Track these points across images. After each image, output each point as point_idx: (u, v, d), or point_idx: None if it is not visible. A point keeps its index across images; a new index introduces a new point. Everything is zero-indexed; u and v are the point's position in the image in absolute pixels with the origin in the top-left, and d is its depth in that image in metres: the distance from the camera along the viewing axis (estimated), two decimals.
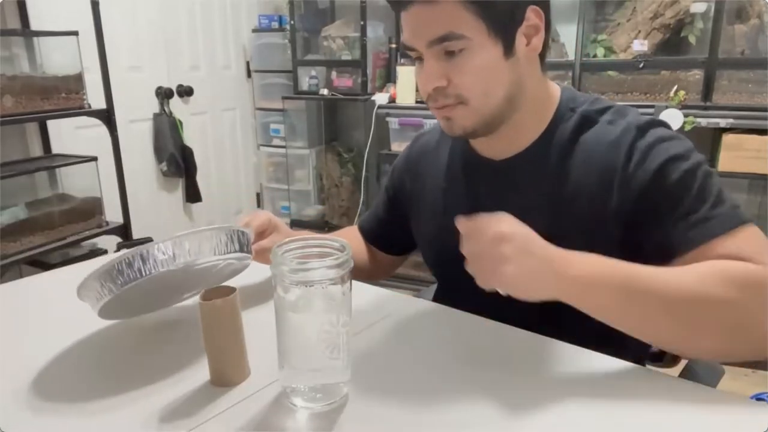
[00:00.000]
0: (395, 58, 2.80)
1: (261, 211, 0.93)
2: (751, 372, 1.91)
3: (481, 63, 0.75)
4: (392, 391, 0.66)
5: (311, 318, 0.60)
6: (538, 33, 0.78)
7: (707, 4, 2.16)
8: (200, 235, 0.68)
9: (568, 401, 0.63)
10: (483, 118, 0.79)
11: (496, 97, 0.78)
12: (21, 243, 2.09)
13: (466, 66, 0.75)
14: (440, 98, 0.78)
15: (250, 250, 0.77)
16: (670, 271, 0.67)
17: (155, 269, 0.65)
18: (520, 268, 0.64)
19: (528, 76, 0.80)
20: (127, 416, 0.62)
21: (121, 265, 0.65)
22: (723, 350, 0.67)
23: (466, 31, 0.73)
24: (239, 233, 0.74)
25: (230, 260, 0.73)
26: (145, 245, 0.65)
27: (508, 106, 0.79)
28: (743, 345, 0.65)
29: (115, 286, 0.65)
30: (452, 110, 0.79)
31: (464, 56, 0.75)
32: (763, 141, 2.04)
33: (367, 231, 1.12)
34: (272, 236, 0.93)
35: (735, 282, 0.64)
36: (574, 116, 0.83)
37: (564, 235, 0.74)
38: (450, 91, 0.77)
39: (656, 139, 0.77)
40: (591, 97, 0.86)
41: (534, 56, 0.80)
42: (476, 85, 0.76)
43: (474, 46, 0.74)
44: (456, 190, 0.93)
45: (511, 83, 0.78)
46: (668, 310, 0.65)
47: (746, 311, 0.64)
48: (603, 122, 0.81)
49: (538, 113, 0.84)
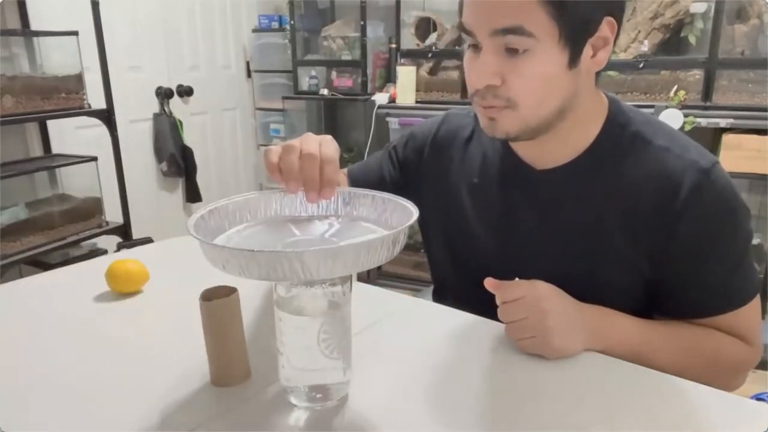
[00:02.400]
0: (395, 58, 2.80)
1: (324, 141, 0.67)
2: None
3: (543, 69, 0.69)
4: (392, 391, 0.66)
5: (311, 318, 0.60)
6: (606, 46, 0.71)
7: (707, 4, 2.16)
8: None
9: (567, 401, 0.63)
10: (530, 125, 0.73)
11: (548, 107, 0.72)
12: (21, 243, 2.09)
13: (526, 69, 0.69)
14: (489, 97, 0.71)
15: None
16: (672, 339, 0.77)
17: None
18: (560, 324, 0.70)
19: (585, 89, 0.74)
20: (128, 416, 0.62)
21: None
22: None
23: (536, 30, 0.66)
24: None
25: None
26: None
27: (557, 117, 0.74)
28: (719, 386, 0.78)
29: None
30: (499, 112, 0.72)
31: (527, 58, 0.68)
32: (763, 141, 2.03)
33: (360, 181, 0.98)
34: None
35: (726, 366, 0.79)
36: (625, 134, 0.77)
37: (597, 257, 0.78)
38: (501, 93, 0.70)
39: (716, 190, 0.73)
40: (640, 114, 0.81)
41: (596, 69, 0.74)
42: (532, 92, 0.70)
43: (539, 49, 0.67)
44: (488, 191, 0.86)
45: (567, 95, 0.72)
46: (670, 367, 0.73)
47: (728, 379, 0.80)
48: (657, 147, 0.76)
49: (585, 125, 0.78)
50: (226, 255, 0.52)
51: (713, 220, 0.74)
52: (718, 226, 0.74)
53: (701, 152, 0.76)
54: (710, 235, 0.74)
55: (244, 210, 0.67)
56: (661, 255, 0.75)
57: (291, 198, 0.69)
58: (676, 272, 0.76)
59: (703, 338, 0.77)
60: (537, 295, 0.70)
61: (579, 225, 0.79)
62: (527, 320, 0.70)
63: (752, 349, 0.79)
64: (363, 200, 0.67)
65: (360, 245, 0.52)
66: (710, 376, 0.76)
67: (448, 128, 0.94)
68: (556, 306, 0.70)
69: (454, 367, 0.71)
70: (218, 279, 0.64)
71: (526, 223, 0.83)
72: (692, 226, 0.73)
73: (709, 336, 0.77)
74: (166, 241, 1.21)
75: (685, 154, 0.75)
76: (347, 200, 0.68)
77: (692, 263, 0.75)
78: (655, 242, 0.75)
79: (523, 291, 0.71)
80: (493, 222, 0.86)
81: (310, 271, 0.50)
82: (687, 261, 0.75)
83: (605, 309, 0.75)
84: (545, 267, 0.76)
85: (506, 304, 0.71)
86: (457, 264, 0.94)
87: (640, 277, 0.78)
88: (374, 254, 0.52)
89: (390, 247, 0.54)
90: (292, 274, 0.50)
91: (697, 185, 0.72)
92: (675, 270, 0.76)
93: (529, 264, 0.81)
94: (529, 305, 0.70)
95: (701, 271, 0.76)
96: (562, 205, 0.80)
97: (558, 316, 0.69)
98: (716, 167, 0.74)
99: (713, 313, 0.77)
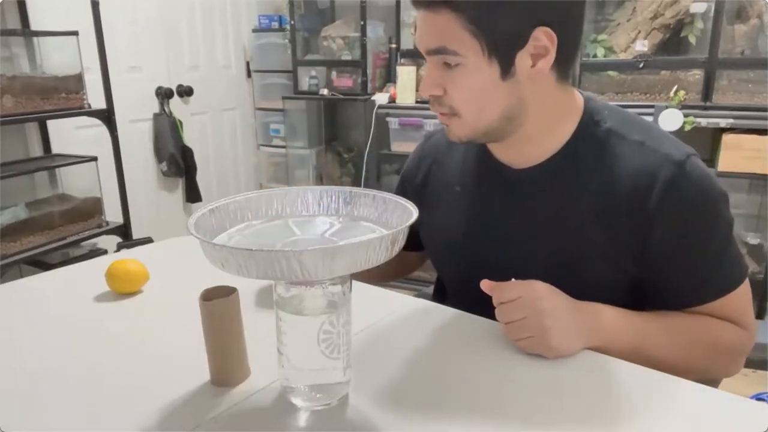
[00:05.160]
0: (395, 58, 2.80)
1: None
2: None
3: (475, 82, 0.73)
4: (392, 391, 0.66)
5: (311, 318, 0.60)
6: (546, 55, 0.72)
7: (707, 4, 2.16)
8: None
9: (567, 400, 0.63)
10: (478, 131, 0.77)
11: (490, 115, 0.75)
12: (21, 243, 2.09)
13: (460, 82, 0.74)
14: (437, 105, 0.78)
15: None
16: (669, 330, 0.77)
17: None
18: (558, 322, 0.70)
19: (533, 95, 0.75)
20: (128, 416, 0.62)
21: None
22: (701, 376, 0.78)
23: (460, 49, 0.71)
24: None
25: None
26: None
27: (507, 123, 0.77)
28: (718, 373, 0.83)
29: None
30: (449, 119, 0.78)
31: (459, 71, 0.73)
32: (763, 141, 2.03)
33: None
34: None
35: (723, 351, 0.79)
36: (599, 131, 0.79)
37: (578, 254, 0.79)
38: (445, 101, 0.76)
39: (691, 184, 0.74)
40: (616, 111, 0.82)
41: (540, 77, 0.74)
42: (469, 103, 0.75)
43: (469, 64, 0.72)
44: (469, 192, 0.89)
45: (509, 104, 0.75)
46: (669, 357, 0.75)
47: (726, 365, 0.82)
48: (633, 142, 0.77)
49: (554, 126, 0.79)
50: (225, 254, 0.52)
51: (691, 212, 0.74)
52: (698, 217, 0.75)
53: (676, 145, 0.77)
54: (690, 227, 0.75)
55: (245, 209, 0.67)
56: (642, 250, 0.76)
57: (292, 197, 0.69)
58: (661, 266, 0.77)
59: (699, 327, 0.78)
60: (533, 295, 0.71)
61: (558, 223, 0.80)
62: (525, 320, 0.70)
63: (746, 333, 0.80)
64: (364, 200, 0.68)
65: (359, 245, 0.52)
66: (709, 363, 0.78)
67: (430, 144, 1.00)
68: (553, 305, 0.71)
69: (454, 367, 0.71)
70: (218, 279, 0.64)
71: (506, 222, 0.84)
72: (670, 219, 0.74)
73: (705, 324, 0.78)
74: (166, 241, 1.22)
75: (659, 148, 0.76)
76: (348, 200, 0.69)
77: (676, 256, 0.76)
78: (634, 238, 0.76)
79: (519, 291, 0.71)
80: (475, 223, 0.87)
81: (308, 271, 0.50)
82: (670, 254, 0.76)
83: (601, 305, 0.75)
84: (530, 267, 0.77)
85: (503, 304, 0.72)
86: (449, 266, 0.96)
87: (623, 274, 0.79)
88: (373, 254, 0.52)
89: (389, 247, 0.54)
90: (291, 273, 0.50)
91: (671, 179, 0.74)
92: (659, 264, 0.77)
93: (514, 263, 0.82)
94: (526, 305, 0.70)
95: (686, 263, 0.76)
96: (541, 203, 0.81)
97: (555, 315, 0.70)
98: (690, 159, 0.75)
99: (703, 301, 0.78)
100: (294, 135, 3.20)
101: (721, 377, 0.84)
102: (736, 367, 0.81)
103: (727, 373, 0.82)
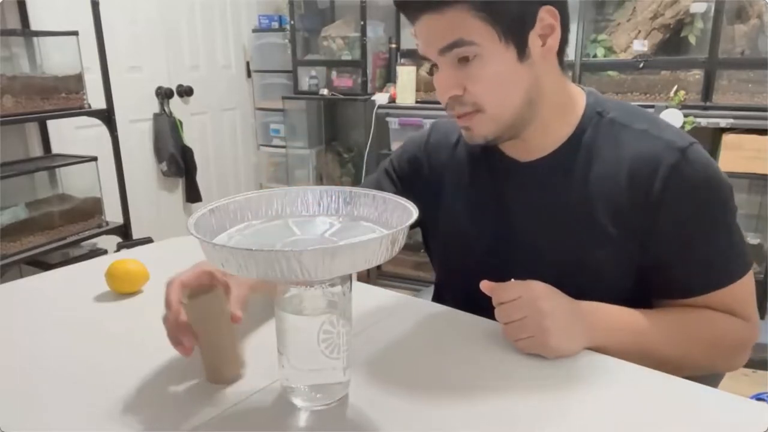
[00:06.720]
0: (395, 58, 2.80)
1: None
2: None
3: (495, 69, 0.73)
4: (392, 391, 0.66)
5: (311, 318, 0.60)
6: (554, 33, 0.74)
7: (707, 4, 2.16)
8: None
9: (567, 400, 0.63)
10: (502, 124, 0.77)
11: (513, 102, 0.76)
12: (21, 243, 2.09)
13: (480, 73, 0.73)
14: (457, 107, 0.77)
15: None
16: (670, 326, 0.77)
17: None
18: (557, 322, 0.70)
19: (546, 77, 0.77)
20: (128, 415, 0.62)
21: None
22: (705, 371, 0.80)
23: (476, 38, 0.71)
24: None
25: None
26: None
27: (528, 110, 0.77)
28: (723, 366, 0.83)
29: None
30: (471, 119, 0.77)
31: (477, 63, 0.73)
32: (763, 141, 2.03)
33: None
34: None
35: (726, 345, 0.79)
36: (603, 120, 0.80)
37: (587, 244, 0.79)
38: (466, 99, 0.75)
39: (694, 169, 0.75)
40: (618, 102, 0.84)
41: (551, 56, 0.77)
42: (492, 93, 0.75)
43: (486, 53, 0.72)
44: (478, 190, 0.89)
45: (529, 86, 0.76)
46: (672, 354, 0.75)
47: (731, 359, 0.81)
48: (636, 130, 0.78)
49: (563, 116, 0.81)
50: (225, 254, 0.52)
51: (694, 197, 0.75)
52: (701, 203, 0.75)
53: (679, 134, 0.78)
54: (694, 212, 0.75)
55: (245, 209, 0.67)
56: (648, 236, 0.76)
57: (292, 197, 0.69)
58: (666, 251, 0.77)
59: (701, 322, 0.77)
60: (533, 295, 0.71)
61: (566, 213, 0.80)
62: (524, 320, 0.70)
63: (750, 325, 0.79)
64: (364, 199, 0.68)
65: (358, 245, 0.52)
66: (712, 357, 0.77)
67: (437, 136, 0.97)
68: (553, 305, 0.71)
69: (454, 367, 0.71)
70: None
71: (516, 216, 0.84)
72: (674, 205, 0.74)
73: (707, 318, 0.77)
74: (166, 241, 1.22)
75: (662, 135, 0.77)
76: (348, 200, 0.69)
77: (680, 241, 0.76)
78: (641, 223, 0.76)
79: (518, 291, 0.71)
80: (486, 219, 0.87)
81: (308, 271, 0.50)
82: (675, 240, 0.76)
83: (600, 304, 0.75)
84: (539, 258, 0.77)
85: (503, 305, 0.72)
86: (455, 265, 0.95)
87: (631, 262, 0.79)
88: (373, 254, 0.52)
89: (389, 247, 0.54)
90: (290, 273, 0.50)
91: (674, 164, 0.74)
92: (665, 249, 0.77)
93: (524, 257, 0.82)
94: (525, 305, 0.70)
95: (691, 248, 0.76)
96: (549, 194, 0.82)
97: (555, 315, 0.70)
98: (694, 146, 0.76)
99: (706, 290, 0.77)
100: (294, 135, 3.20)
101: (726, 371, 0.84)
102: (741, 360, 0.81)
103: (732, 367, 0.82)
